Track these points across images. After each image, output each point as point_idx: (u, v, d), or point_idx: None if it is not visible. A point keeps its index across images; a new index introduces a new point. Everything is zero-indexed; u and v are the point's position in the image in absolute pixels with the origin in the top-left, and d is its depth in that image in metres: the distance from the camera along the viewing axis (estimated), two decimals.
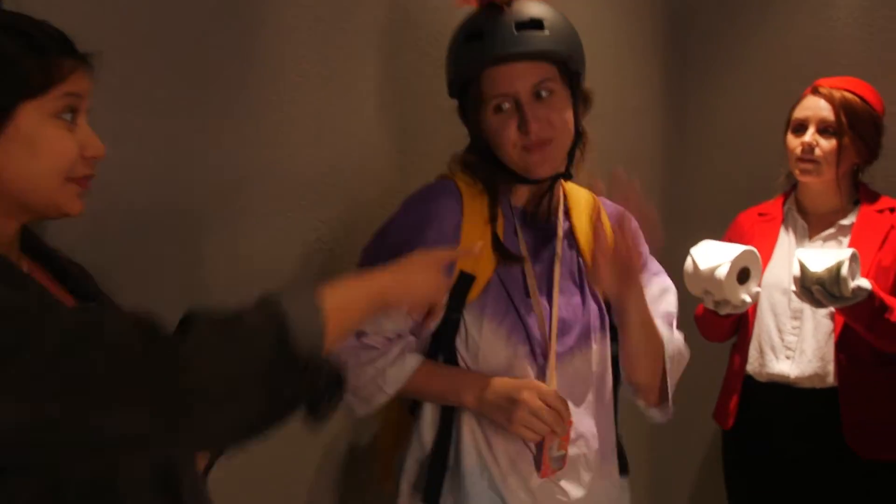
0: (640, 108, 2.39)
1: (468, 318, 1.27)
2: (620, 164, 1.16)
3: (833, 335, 1.81)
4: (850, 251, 1.64)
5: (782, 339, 1.89)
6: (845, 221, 1.88)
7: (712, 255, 1.75)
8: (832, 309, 1.74)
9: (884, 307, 1.68)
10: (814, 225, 1.93)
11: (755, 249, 1.77)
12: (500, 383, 1.25)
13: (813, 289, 1.65)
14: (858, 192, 1.91)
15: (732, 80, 2.43)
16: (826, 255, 1.66)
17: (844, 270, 1.61)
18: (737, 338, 2.00)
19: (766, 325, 1.91)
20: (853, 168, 1.88)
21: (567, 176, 1.36)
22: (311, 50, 1.46)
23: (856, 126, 1.81)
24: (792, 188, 2.00)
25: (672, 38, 2.47)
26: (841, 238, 1.87)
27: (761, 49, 2.35)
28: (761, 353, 1.91)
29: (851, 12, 2.16)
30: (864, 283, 1.65)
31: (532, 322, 1.29)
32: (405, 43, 1.63)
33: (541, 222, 1.36)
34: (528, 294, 1.30)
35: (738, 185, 2.41)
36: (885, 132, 1.87)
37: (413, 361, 1.27)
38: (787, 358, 1.87)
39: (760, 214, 2.04)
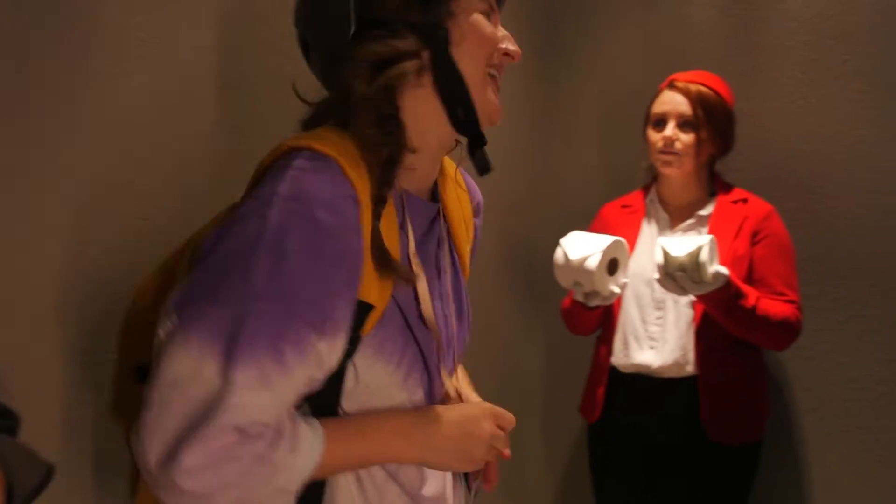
0: (510, 97, 2.34)
1: (359, 362, 0.87)
2: (495, 154, 1.00)
3: (693, 324, 1.83)
4: (708, 237, 1.67)
5: (646, 330, 1.89)
6: (703, 212, 1.91)
7: (582, 246, 1.73)
8: (693, 298, 1.75)
9: (739, 293, 1.72)
10: (674, 216, 1.95)
11: (624, 240, 1.77)
12: (448, 420, 0.92)
13: (675, 275, 1.67)
14: (714, 184, 1.95)
15: (599, 72, 2.44)
16: (686, 241, 1.69)
17: (704, 255, 1.63)
18: (602, 330, 2.00)
19: (630, 315, 1.92)
20: (710, 159, 1.92)
21: None
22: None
23: (712, 119, 1.85)
24: (653, 180, 2.02)
25: (542, 28, 2.45)
26: (700, 228, 1.90)
27: (626, 42, 2.37)
28: (626, 344, 1.91)
29: (706, 10, 2.21)
30: (722, 269, 1.68)
31: (431, 352, 0.95)
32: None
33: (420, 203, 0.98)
34: (421, 315, 0.94)
35: (604, 177, 2.42)
36: (736, 124, 1.92)
37: (317, 436, 0.83)
38: (651, 348, 1.88)
39: (623, 206, 2.05)
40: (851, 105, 2.00)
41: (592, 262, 1.69)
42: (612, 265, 1.74)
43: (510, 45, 0.95)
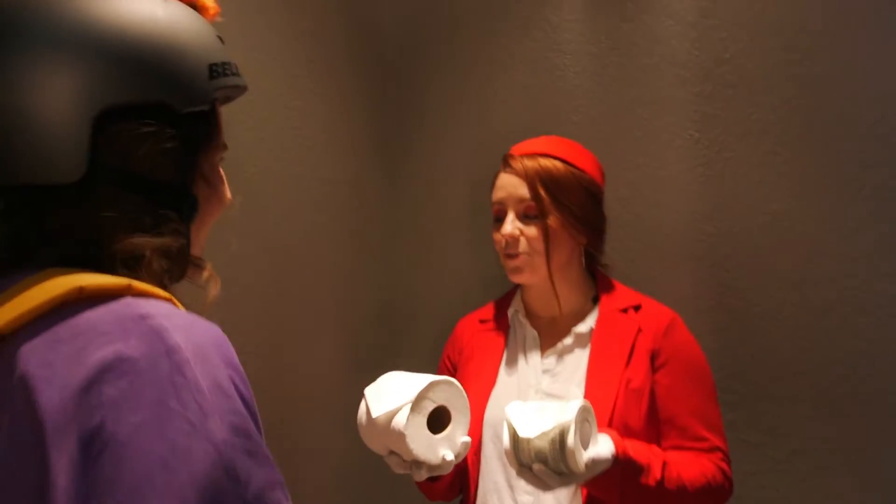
0: (355, 210, 1.85)
1: None
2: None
3: (580, 493, 1.29)
4: (576, 407, 1.14)
5: (515, 500, 1.34)
6: (582, 328, 1.39)
7: (391, 395, 1.18)
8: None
9: (637, 469, 1.19)
10: (546, 333, 1.43)
11: (453, 380, 1.20)
12: None
13: (533, 467, 1.14)
14: (596, 285, 1.45)
15: (443, 149, 1.95)
16: (544, 415, 1.16)
17: (570, 440, 1.11)
18: (462, 496, 1.44)
19: (493, 480, 1.36)
20: (578, 254, 1.41)
21: None
22: None
23: (562, 199, 1.35)
24: (517, 286, 1.51)
25: (380, 119, 1.97)
26: (579, 350, 1.38)
27: (482, 109, 1.89)
28: None
29: (579, 59, 1.75)
30: (604, 448, 1.16)
31: None
32: None
33: None
34: None
35: (463, 282, 1.91)
36: (603, 199, 1.42)
37: None
38: None
39: (482, 321, 1.52)
40: (762, 171, 1.53)
41: (400, 420, 1.14)
42: (436, 419, 1.18)
43: None
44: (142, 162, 0.66)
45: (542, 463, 1.13)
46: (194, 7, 0.74)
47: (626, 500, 1.19)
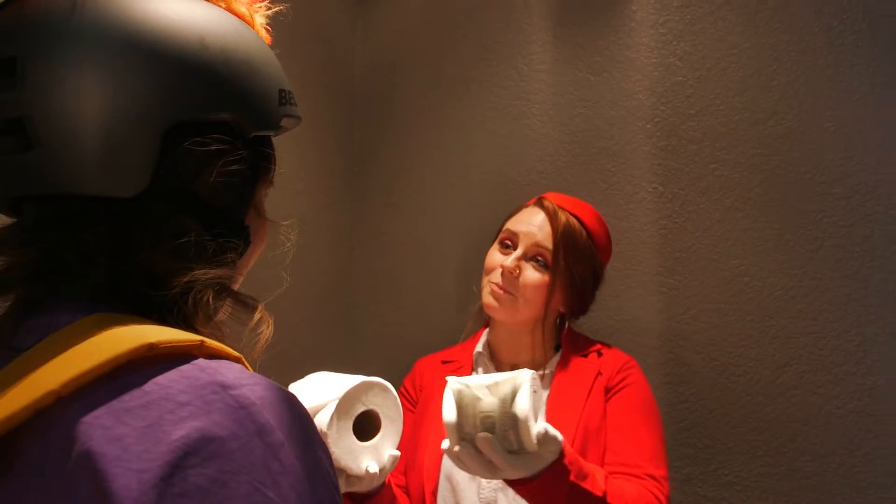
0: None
1: None
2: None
3: None
4: (528, 372, 1.03)
5: None
6: (544, 370, 1.37)
7: (317, 392, 1.06)
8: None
9: (582, 472, 1.10)
10: None
11: (386, 383, 1.11)
12: None
13: (477, 437, 1.00)
14: (560, 335, 1.44)
15: (410, 193, 1.94)
16: (493, 377, 1.04)
17: (524, 403, 0.98)
18: None
19: None
20: (556, 315, 1.39)
21: None
22: None
23: (573, 264, 1.32)
24: (485, 326, 1.49)
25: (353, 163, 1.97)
26: (541, 391, 1.35)
27: (440, 162, 1.90)
28: None
29: (547, 109, 1.77)
30: (553, 429, 1.06)
31: None
32: None
33: None
34: None
35: (426, 315, 1.89)
36: (602, 282, 1.39)
37: None
38: None
39: (444, 362, 1.49)
40: (724, 226, 1.56)
41: (323, 419, 1.02)
42: (365, 425, 1.08)
43: None
44: (205, 183, 0.60)
45: (487, 431, 1.00)
46: (251, 26, 0.70)
47: None
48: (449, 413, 1.02)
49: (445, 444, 1.06)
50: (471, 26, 1.88)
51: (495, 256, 1.37)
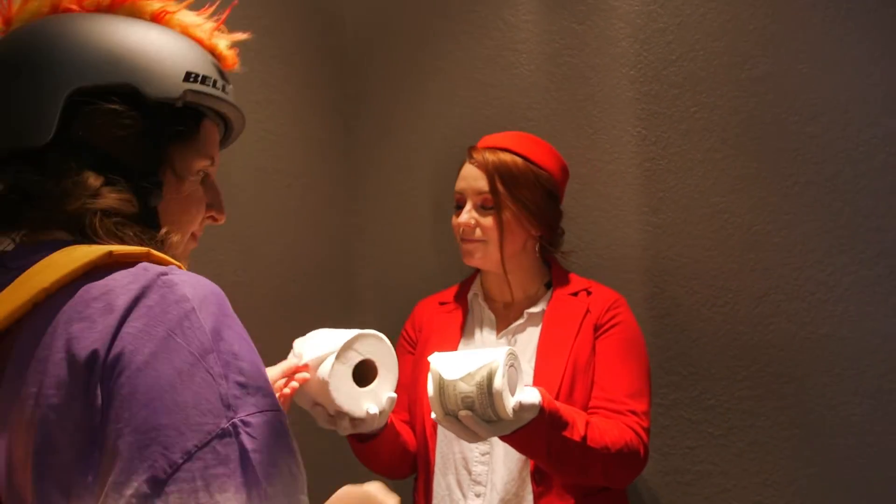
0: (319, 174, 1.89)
1: None
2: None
3: (529, 461, 1.36)
4: (503, 351, 1.17)
5: (469, 472, 1.41)
6: (534, 309, 1.47)
7: (318, 346, 1.21)
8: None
9: (562, 423, 1.22)
10: (501, 316, 1.51)
11: (382, 336, 1.25)
12: None
13: (459, 415, 1.16)
14: (550, 272, 1.53)
15: (403, 144, 2.01)
16: (471, 360, 1.18)
17: (498, 381, 1.12)
18: (417, 472, 1.51)
19: (450, 452, 1.43)
20: (534, 244, 1.49)
21: None
22: None
23: (518, 194, 1.43)
24: (477, 271, 1.58)
25: (346, 101, 2.02)
26: (531, 329, 1.46)
27: (441, 104, 1.96)
28: (449, 490, 1.43)
29: (534, 58, 1.83)
30: (531, 395, 1.19)
31: None
32: None
33: None
34: None
35: (425, 270, 1.98)
36: (562, 194, 1.51)
37: None
38: (478, 496, 1.39)
39: (441, 304, 1.59)
40: (704, 167, 1.64)
41: (325, 369, 1.17)
42: (363, 373, 1.22)
43: None
44: (102, 137, 0.75)
45: (468, 409, 1.15)
46: (213, 53, 0.87)
47: (551, 455, 1.23)
48: (431, 391, 1.18)
49: (434, 415, 1.20)
50: None
51: (455, 219, 1.48)
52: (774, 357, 1.56)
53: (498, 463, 1.39)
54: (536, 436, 1.21)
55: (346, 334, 1.20)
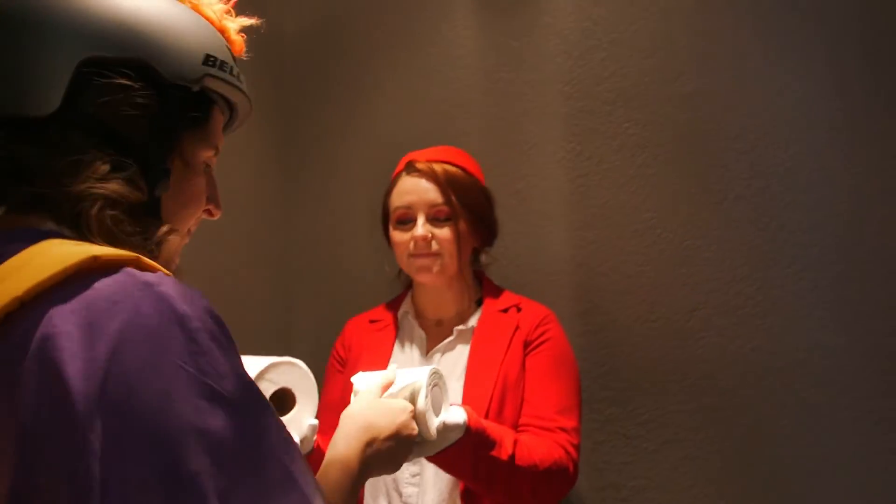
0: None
1: None
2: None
3: (459, 482, 1.35)
4: (426, 371, 1.15)
5: (400, 493, 1.39)
6: (465, 326, 1.46)
7: None
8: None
9: (489, 442, 1.21)
10: (432, 334, 1.50)
11: (298, 362, 1.19)
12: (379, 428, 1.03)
13: None
14: (482, 289, 1.52)
15: (340, 156, 2.00)
16: (396, 380, 1.16)
17: (421, 402, 1.10)
18: None
19: (382, 477, 1.41)
20: (472, 255, 1.51)
21: None
22: None
23: (469, 204, 1.44)
24: (407, 289, 1.57)
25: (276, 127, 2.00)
26: (461, 347, 1.45)
27: (366, 127, 1.95)
28: None
29: (472, 74, 1.83)
30: (456, 415, 1.17)
31: None
32: None
33: None
34: None
35: (359, 281, 1.96)
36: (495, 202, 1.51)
37: None
38: None
39: (371, 321, 1.57)
40: (636, 182, 1.65)
41: None
42: (280, 402, 1.17)
43: None
44: (110, 113, 0.68)
45: None
46: (221, 34, 0.80)
47: (478, 475, 1.22)
48: None
49: None
50: None
51: (401, 235, 1.45)
52: (705, 371, 1.57)
53: (428, 484, 1.37)
54: (462, 456, 1.19)
55: (257, 364, 1.14)
